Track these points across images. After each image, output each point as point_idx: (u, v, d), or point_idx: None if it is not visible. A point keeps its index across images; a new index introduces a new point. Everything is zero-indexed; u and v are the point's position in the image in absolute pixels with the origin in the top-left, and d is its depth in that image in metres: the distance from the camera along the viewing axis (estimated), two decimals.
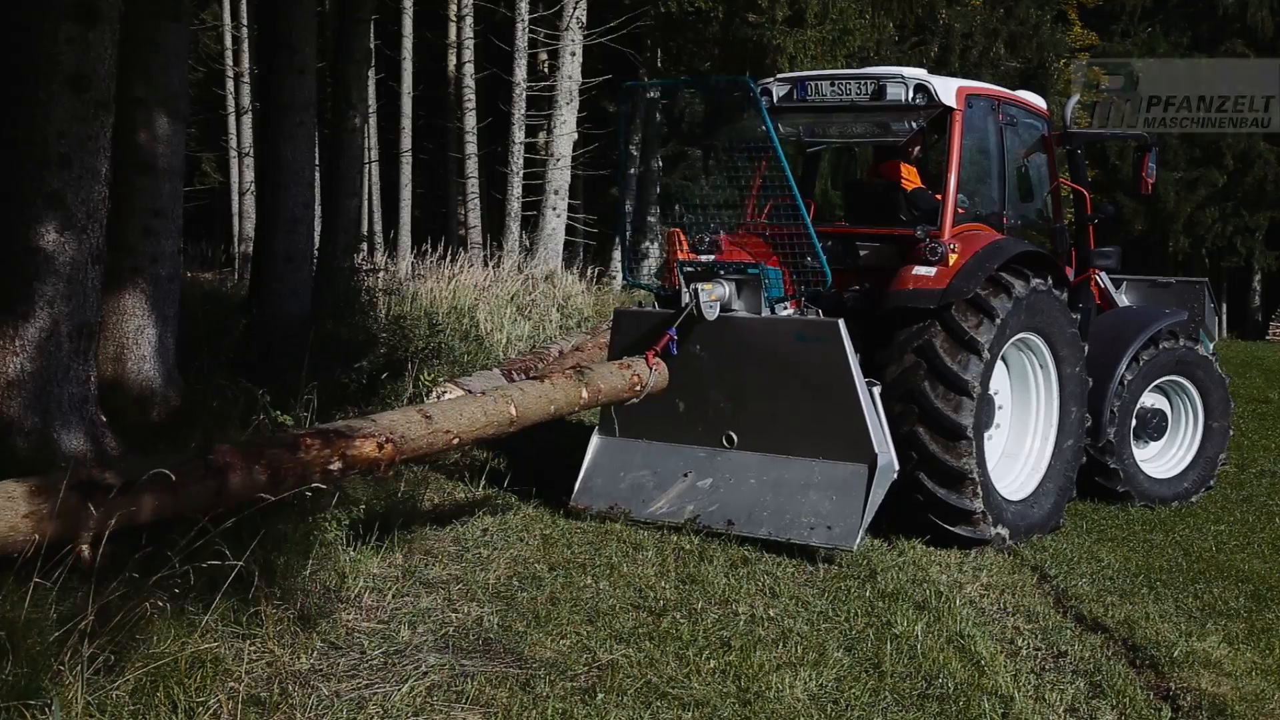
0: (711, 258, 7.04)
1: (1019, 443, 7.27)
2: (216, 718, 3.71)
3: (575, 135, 21.68)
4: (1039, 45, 30.84)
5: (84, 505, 3.80)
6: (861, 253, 7.41)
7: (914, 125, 7.25)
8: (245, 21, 25.38)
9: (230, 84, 25.66)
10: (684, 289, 6.64)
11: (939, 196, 7.13)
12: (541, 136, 23.37)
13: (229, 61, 25.86)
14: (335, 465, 4.69)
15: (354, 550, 5.40)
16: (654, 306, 7.13)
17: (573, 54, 21.32)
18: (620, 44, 22.85)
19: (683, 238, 7.06)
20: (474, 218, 23.49)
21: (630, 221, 7.14)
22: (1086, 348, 7.58)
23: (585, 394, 6.21)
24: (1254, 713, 4.52)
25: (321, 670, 4.23)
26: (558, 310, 16.52)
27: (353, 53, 10.92)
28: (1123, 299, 8.78)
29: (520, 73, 21.52)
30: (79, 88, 5.23)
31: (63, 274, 5.25)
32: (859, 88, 7.17)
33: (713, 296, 6.63)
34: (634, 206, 7.06)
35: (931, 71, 7.55)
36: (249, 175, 24.18)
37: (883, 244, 7.27)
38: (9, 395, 5.19)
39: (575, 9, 21.09)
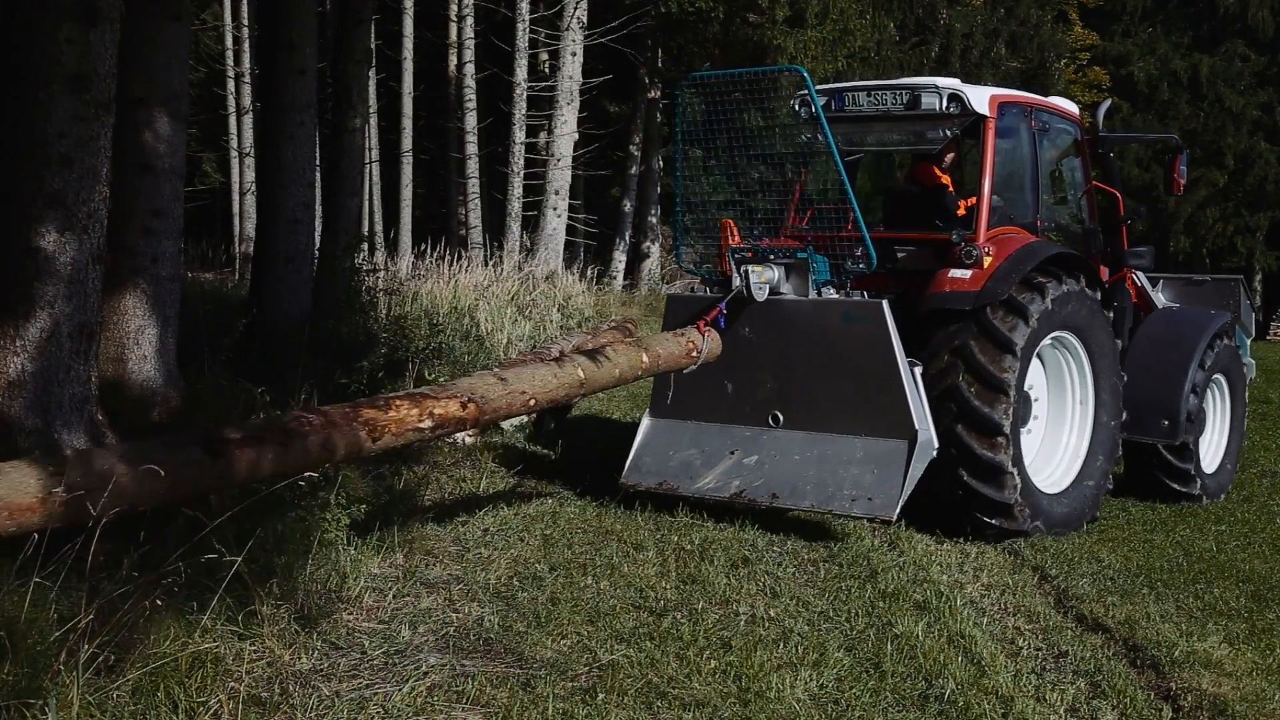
0: (761, 244, 7.33)
1: (1055, 438, 7.51)
2: (217, 718, 3.71)
3: (576, 135, 21.69)
4: (1039, 45, 30.86)
5: (207, 457, 4.06)
6: (898, 256, 7.61)
7: (948, 133, 7.50)
8: (245, 21, 25.39)
9: (230, 84, 25.68)
10: (734, 273, 6.99)
11: (963, 202, 7.45)
12: (542, 136, 23.38)
13: (229, 61, 25.88)
14: (425, 424, 4.97)
15: (354, 550, 5.40)
16: (707, 291, 7.43)
17: (573, 54, 21.33)
18: (620, 44, 22.85)
19: (734, 226, 7.30)
20: (474, 218, 23.50)
21: (683, 212, 7.41)
22: (1121, 344, 7.85)
23: (646, 359, 6.53)
24: (1254, 713, 4.51)
25: (322, 670, 4.23)
26: (558, 310, 16.53)
27: (353, 53, 10.91)
28: (1159, 297, 8.90)
29: (521, 73, 21.53)
30: (79, 88, 5.22)
31: (63, 274, 5.24)
32: (894, 98, 7.47)
33: (762, 279, 6.95)
34: (686, 199, 7.48)
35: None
36: (249, 175, 24.20)
37: (919, 248, 7.49)
38: (10, 395, 5.19)
39: (576, 9, 21.09)
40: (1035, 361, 7.17)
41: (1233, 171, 31.48)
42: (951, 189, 7.83)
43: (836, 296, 7.01)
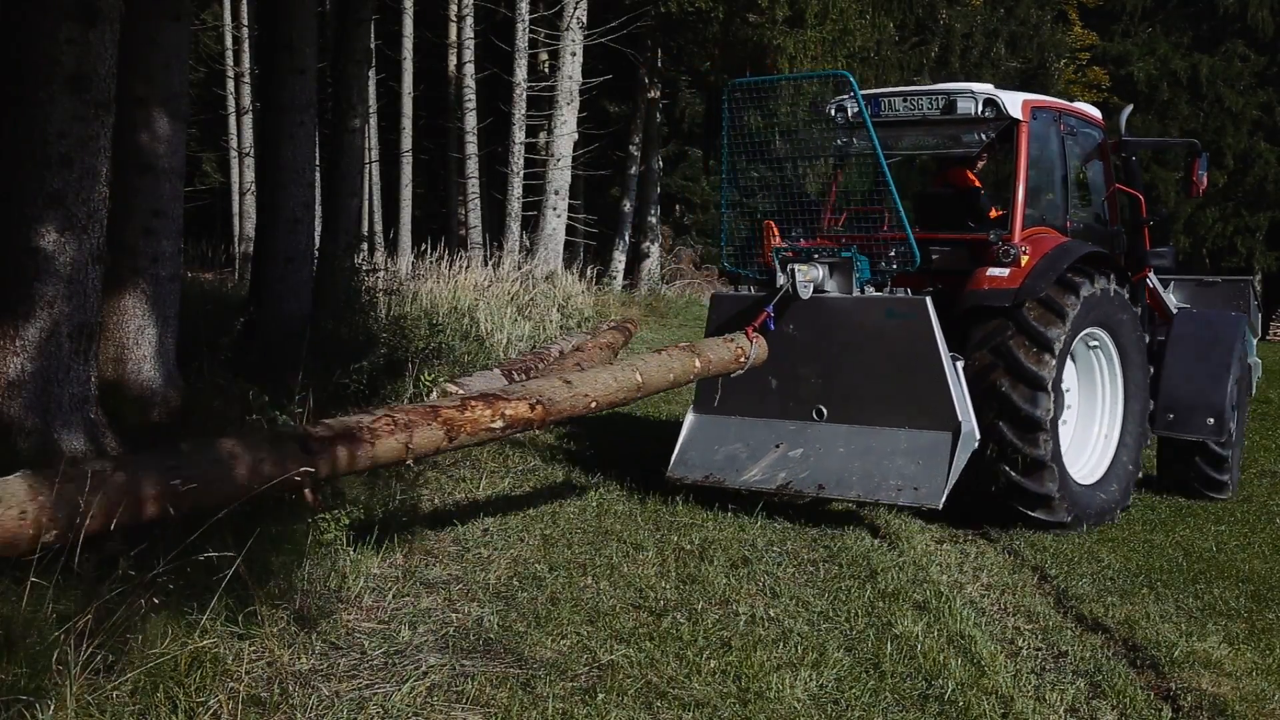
0: (804, 243, 7.56)
1: (1086, 431, 7.76)
2: (216, 718, 3.71)
3: (575, 135, 21.69)
4: (1039, 45, 30.88)
5: (302, 453, 4.38)
6: (933, 256, 7.79)
7: (983, 137, 7.81)
8: (245, 21, 25.38)
9: (230, 84, 25.68)
10: (779, 271, 7.21)
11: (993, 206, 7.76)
12: (542, 136, 23.38)
13: (229, 61, 25.87)
14: (497, 423, 5.28)
15: (354, 550, 5.40)
16: (750, 290, 7.67)
17: (573, 54, 21.33)
18: (620, 44, 22.86)
19: (774, 227, 7.51)
20: (474, 218, 23.50)
21: (727, 213, 7.59)
22: (1147, 338, 8.17)
23: (698, 364, 6.79)
24: (1254, 713, 4.51)
25: (322, 670, 4.22)
26: (558, 310, 16.54)
27: (353, 53, 10.91)
28: (1171, 298, 9.09)
29: (520, 73, 21.53)
30: (79, 88, 5.22)
31: (63, 274, 5.24)
32: (930, 103, 7.71)
33: (807, 277, 7.17)
34: (730, 200, 7.74)
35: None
36: (249, 175, 24.19)
37: (954, 248, 7.69)
38: (9, 395, 5.19)
39: (575, 9, 21.09)
40: (1068, 358, 7.42)
41: (1232, 171, 31.50)
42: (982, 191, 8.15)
43: (879, 294, 7.26)
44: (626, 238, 26.86)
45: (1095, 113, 8.59)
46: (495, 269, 17.79)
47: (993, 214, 7.86)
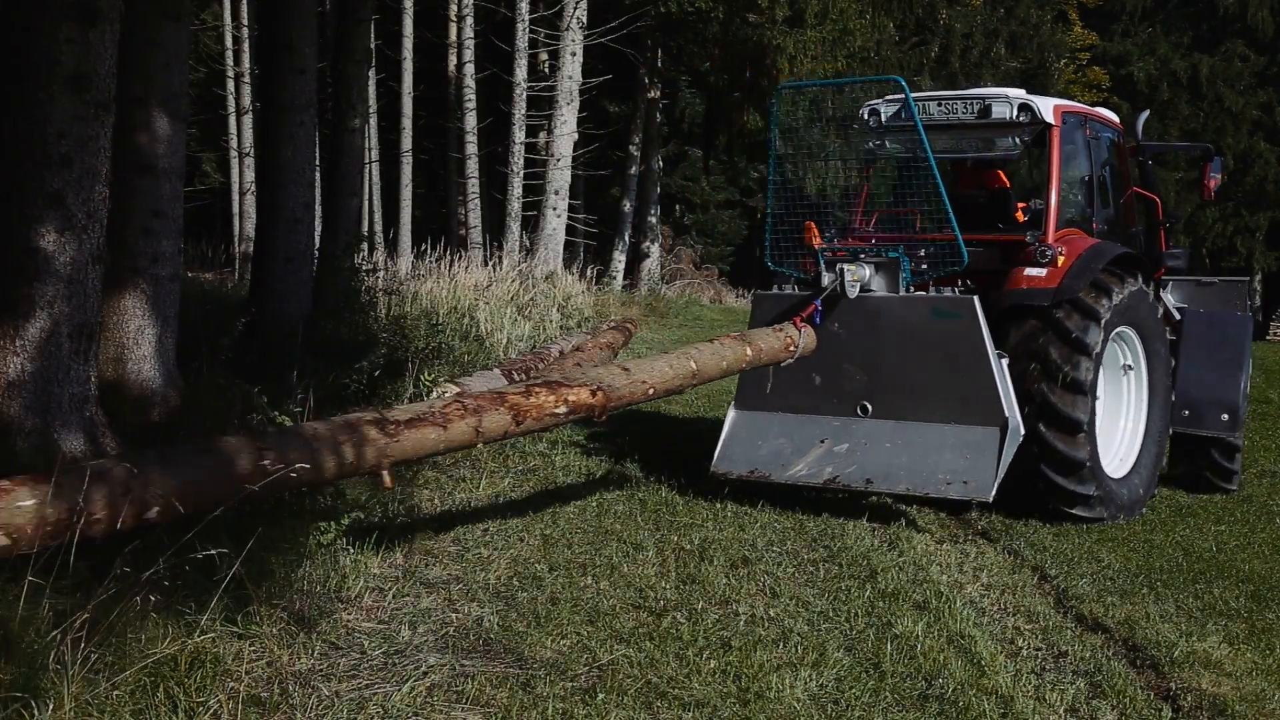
0: (850, 242, 7.78)
1: (1113, 425, 7.91)
2: (217, 718, 3.71)
3: (575, 135, 21.69)
4: (1039, 45, 30.89)
5: (381, 435, 4.55)
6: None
7: (1017, 141, 8.03)
8: (245, 21, 25.38)
9: (230, 84, 25.68)
10: (824, 271, 7.45)
11: (1019, 205, 8.05)
12: (542, 136, 23.38)
13: (229, 61, 25.87)
14: (561, 409, 5.48)
15: (354, 550, 5.40)
16: (794, 289, 7.81)
17: (573, 54, 21.33)
18: (620, 44, 22.86)
19: (814, 227, 7.68)
20: (474, 218, 23.50)
21: (774, 213, 7.76)
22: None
23: (749, 352, 6.93)
24: (1254, 713, 4.51)
25: (322, 670, 4.22)
26: (558, 310, 16.55)
27: (353, 53, 10.91)
28: (1168, 297, 9.24)
29: (520, 73, 21.53)
30: (79, 88, 5.22)
31: (63, 274, 5.24)
32: (965, 107, 7.92)
33: (854, 277, 7.35)
34: (778, 203, 7.95)
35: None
36: (249, 175, 24.19)
37: (987, 249, 7.82)
38: (9, 395, 5.18)
39: (575, 9, 21.09)
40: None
41: (1232, 171, 31.48)
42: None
43: (925, 293, 7.43)
44: (626, 238, 26.86)
45: (1114, 117, 8.79)
46: (495, 269, 17.79)
47: (1019, 217, 8.06)
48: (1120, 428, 7.95)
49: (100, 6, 5.26)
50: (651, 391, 6.20)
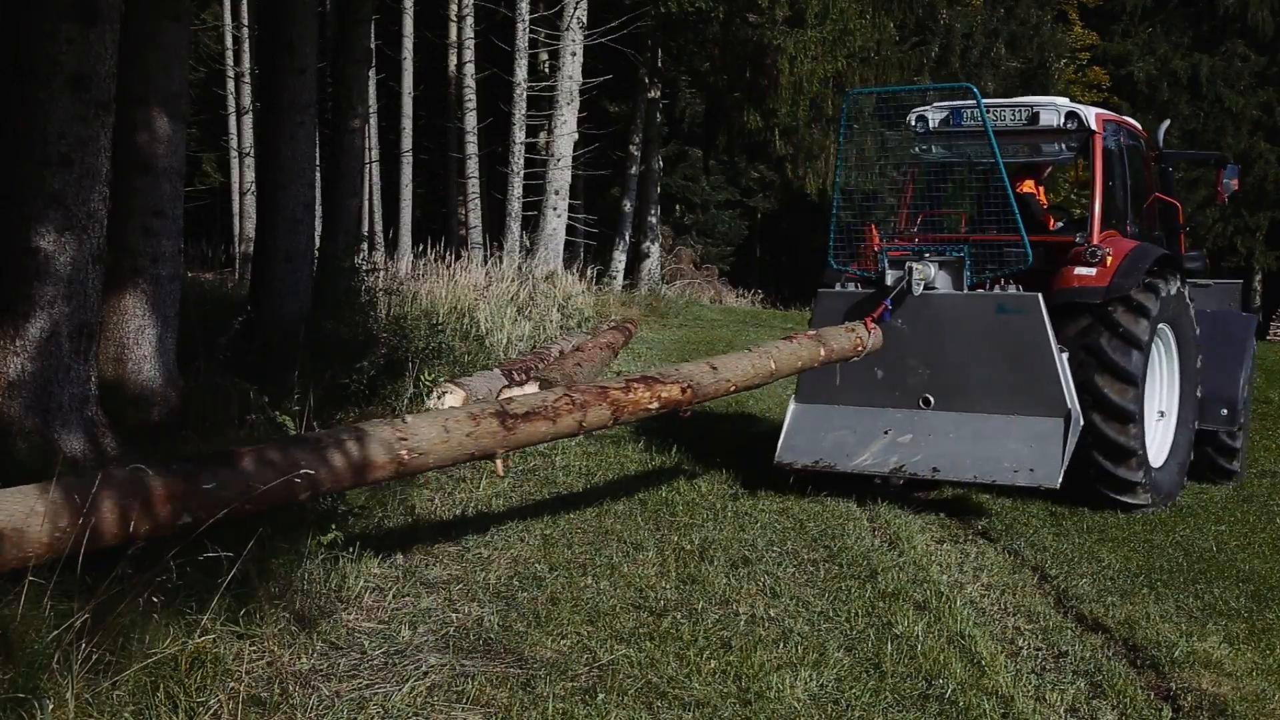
0: (916, 241, 8.07)
1: (1151, 417, 8.18)
2: (216, 718, 3.71)
3: (575, 135, 21.69)
4: (1039, 45, 30.86)
5: (501, 427, 4.92)
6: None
7: (1063, 147, 8.39)
8: (245, 21, 25.39)
9: (230, 84, 25.69)
10: (887, 270, 7.74)
11: (1046, 214, 8.44)
12: (542, 136, 23.39)
13: (229, 61, 25.88)
14: (654, 405, 5.84)
15: (354, 550, 5.40)
16: (857, 287, 8.03)
17: (573, 54, 21.33)
18: (620, 44, 22.86)
19: (875, 230, 8.03)
20: (474, 218, 23.50)
21: (839, 213, 8.23)
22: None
23: (823, 352, 7.19)
24: (1254, 713, 4.51)
25: (322, 670, 4.22)
26: (558, 310, 16.53)
27: (353, 53, 10.92)
28: None
29: (520, 73, 21.52)
30: (79, 88, 5.23)
31: (63, 274, 5.25)
32: (1013, 114, 8.20)
33: (921, 275, 7.66)
34: (844, 204, 8.21)
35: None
36: (249, 175, 24.20)
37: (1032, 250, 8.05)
38: (9, 395, 5.19)
39: (576, 9, 21.09)
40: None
41: None
42: (1043, 199, 8.78)
43: (988, 291, 7.68)
44: (626, 238, 26.86)
45: (1139, 125, 9.09)
46: (495, 269, 17.78)
47: (1050, 223, 8.38)
48: (1154, 420, 8.20)
49: (100, 6, 5.26)
50: (733, 388, 6.53)
